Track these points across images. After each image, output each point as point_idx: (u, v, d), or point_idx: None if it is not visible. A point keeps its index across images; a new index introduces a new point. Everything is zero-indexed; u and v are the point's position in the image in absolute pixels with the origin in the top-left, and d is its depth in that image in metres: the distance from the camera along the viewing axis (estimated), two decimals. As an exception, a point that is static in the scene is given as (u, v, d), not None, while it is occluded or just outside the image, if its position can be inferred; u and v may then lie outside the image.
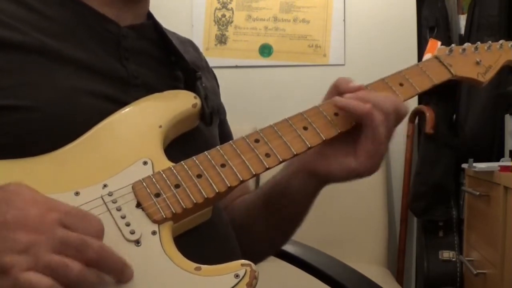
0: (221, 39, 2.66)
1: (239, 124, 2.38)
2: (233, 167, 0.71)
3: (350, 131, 0.79)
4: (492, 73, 0.91)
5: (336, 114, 0.78)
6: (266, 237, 0.90)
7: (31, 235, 0.54)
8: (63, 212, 0.56)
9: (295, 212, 0.87)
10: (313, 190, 0.83)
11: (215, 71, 1.03)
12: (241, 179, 0.71)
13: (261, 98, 2.65)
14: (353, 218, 2.31)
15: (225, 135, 0.94)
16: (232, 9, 2.66)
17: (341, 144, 0.78)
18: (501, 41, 0.92)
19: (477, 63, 0.90)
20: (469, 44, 0.92)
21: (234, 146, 0.73)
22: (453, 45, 0.91)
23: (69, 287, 0.53)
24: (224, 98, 1.01)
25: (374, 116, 0.75)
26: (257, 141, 0.74)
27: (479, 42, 0.92)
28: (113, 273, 0.58)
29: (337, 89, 0.81)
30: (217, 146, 0.73)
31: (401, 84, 0.84)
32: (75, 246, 0.54)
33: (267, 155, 0.73)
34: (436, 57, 0.89)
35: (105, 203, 0.65)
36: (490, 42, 0.92)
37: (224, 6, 2.66)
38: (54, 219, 0.55)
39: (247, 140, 0.74)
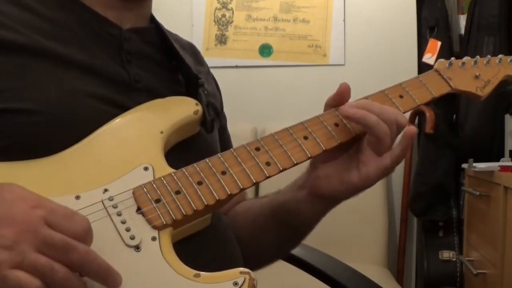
0: (221, 39, 2.66)
1: (239, 124, 2.40)
2: (234, 175, 0.71)
3: (350, 142, 0.79)
4: (491, 87, 0.91)
5: (336, 125, 0.78)
6: (276, 245, 0.91)
7: (16, 231, 0.54)
8: (49, 210, 0.56)
9: (305, 228, 0.88)
10: (323, 211, 0.84)
11: (215, 71, 1.02)
12: (242, 187, 0.71)
13: (261, 98, 2.65)
14: (353, 218, 2.31)
15: (223, 143, 0.93)
16: (232, 9, 2.66)
17: (342, 161, 0.79)
18: (500, 56, 0.93)
19: (476, 77, 0.90)
20: (469, 58, 0.92)
21: (235, 154, 0.73)
22: (452, 58, 0.91)
23: None
24: (224, 98, 1.00)
25: (381, 126, 0.75)
26: (257, 149, 0.74)
27: (478, 56, 0.92)
28: (97, 278, 0.57)
29: (341, 97, 0.80)
30: (218, 154, 0.73)
31: (401, 96, 0.83)
32: (58, 248, 0.54)
33: (268, 163, 0.73)
34: (436, 70, 0.89)
35: (105, 207, 0.65)
36: (489, 56, 0.92)
37: (224, 6, 2.66)
38: (39, 216, 0.55)
39: (248, 148, 0.74)
